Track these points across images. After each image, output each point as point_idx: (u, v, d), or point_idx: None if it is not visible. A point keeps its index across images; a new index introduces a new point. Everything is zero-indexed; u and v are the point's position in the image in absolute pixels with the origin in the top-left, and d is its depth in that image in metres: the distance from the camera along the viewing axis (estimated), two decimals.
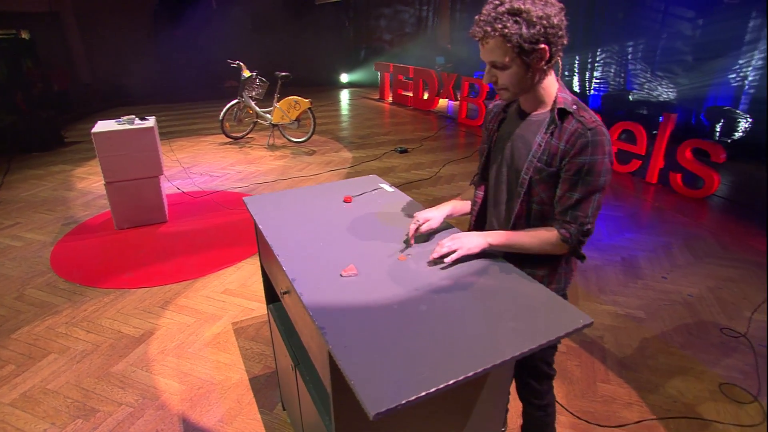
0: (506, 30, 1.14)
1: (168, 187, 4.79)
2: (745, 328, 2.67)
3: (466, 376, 0.98)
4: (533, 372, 1.56)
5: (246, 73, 6.41)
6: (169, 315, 2.88)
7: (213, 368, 2.44)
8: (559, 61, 1.26)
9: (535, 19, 1.13)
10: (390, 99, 10.18)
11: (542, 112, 1.31)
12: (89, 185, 5.15)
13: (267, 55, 10.35)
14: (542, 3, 1.15)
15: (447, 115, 8.79)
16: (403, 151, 6.31)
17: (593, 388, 2.28)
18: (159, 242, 3.79)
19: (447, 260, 1.34)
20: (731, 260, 3.45)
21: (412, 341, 1.06)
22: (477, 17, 1.20)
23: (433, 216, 1.50)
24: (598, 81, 7.09)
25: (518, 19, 1.13)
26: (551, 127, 1.27)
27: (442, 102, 9.49)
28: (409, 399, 0.91)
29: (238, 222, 4.11)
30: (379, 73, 10.55)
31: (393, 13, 11.86)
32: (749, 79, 5.46)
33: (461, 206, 1.61)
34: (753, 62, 5.40)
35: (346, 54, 12.75)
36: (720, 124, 5.67)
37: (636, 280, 3.21)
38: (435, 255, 1.35)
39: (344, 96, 11.20)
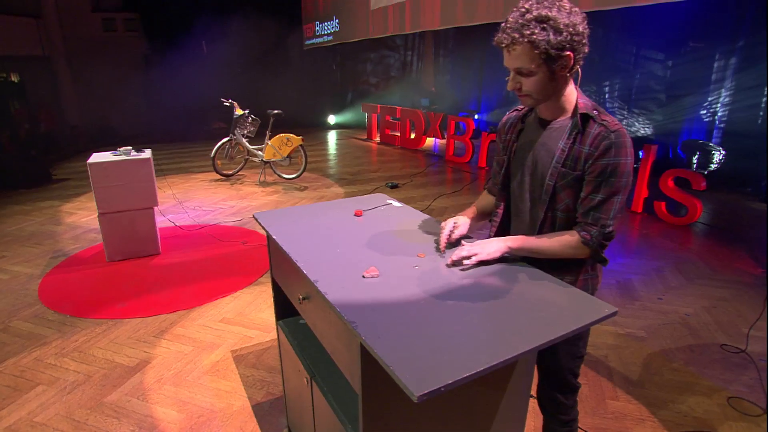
0: (534, 36, 1.16)
1: (161, 220, 4.75)
2: (744, 344, 2.70)
3: (502, 360, 0.98)
4: (560, 384, 1.53)
5: (238, 112, 6.53)
6: (165, 344, 2.79)
7: (213, 396, 2.35)
8: (579, 70, 1.28)
9: (562, 27, 1.16)
10: (377, 139, 10.41)
11: (563, 119, 1.33)
12: (78, 219, 5.06)
13: (256, 97, 10.58)
14: (567, 11, 1.18)
15: (434, 153, 9.01)
16: (394, 186, 6.41)
17: (603, 406, 2.26)
18: (152, 273, 3.71)
19: (466, 263, 1.34)
20: (722, 281, 3.53)
21: (443, 332, 1.06)
22: (503, 25, 1.22)
23: (463, 222, 1.53)
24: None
25: (546, 26, 1.16)
26: (574, 132, 1.29)
27: (429, 141, 9.74)
28: (451, 381, 0.91)
29: (232, 254, 4.07)
30: (366, 114, 10.85)
31: (379, 58, 12.34)
32: (719, 114, 5.80)
33: (482, 208, 1.63)
34: (721, 99, 5.75)
35: (334, 96, 13.13)
36: (696, 156, 5.95)
37: (633, 301, 3.25)
38: (455, 256, 1.35)
39: (332, 136, 11.42)
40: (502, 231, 1.56)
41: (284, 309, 1.89)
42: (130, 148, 3.87)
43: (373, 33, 8.64)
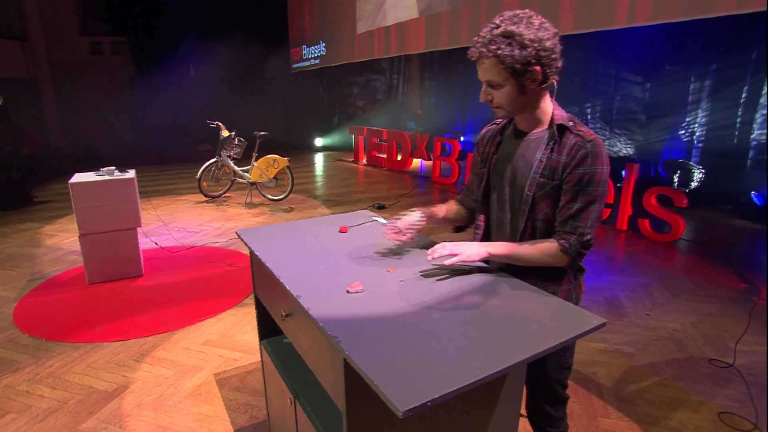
0: (500, 51, 1.21)
1: (145, 242, 4.66)
2: (732, 359, 2.70)
3: (491, 372, 0.96)
4: (549, 396, 1.52)
5: (225, 133, 6.52)
6: (145, 368, 2.70)
7: (195, 421, 2.27)
8: (555, 83, 1.32)
9: (527, 42, 1.20)
10: (364, 161, 10.46)
11: (540, 131, 1.36)
12: (59, 242, 4.95)
13: (243, 120, 10.62)
14: (536, 27, 1.22)
15: (421, 174, 9.06)
16: (381, 207, 6.40)
17: (595, 423, 2.23)
18: (134, 295, 3.62)
19: (447, 262, 1.35)
20: (707, 297, 3.56)
21: (430, 345, 1.04)
22: (474, 39, 1.28)
23: (413, 221, 1.54)
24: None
25: (511, 41, 1.20)
26: (551, 143, 1.32)
27: (416, 162, 9.82)
28: (438, 396, 0.88)
29: (217, 275, 4.00)
30: (353, 137, 10.92)
31: (365, 81, 12.51)
32: (697, 134, 5.96)
33: (445, 212, 1.64)
34: (698, 120, 5.92)
35: (321, 119, 13.22)
36: (677, 175, 6.07)
37: (620, 317, 3.25)
38: (436, 254, 1.36)
39: (318, 159, 11.45)
40: (486, 241, 1.56)
41: (268, 328, 1.85)
42: (113, 168, 3.82)
43: (359, 56, 8.77)
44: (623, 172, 5.22)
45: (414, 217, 1.56)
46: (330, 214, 6.08)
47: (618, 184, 5.25)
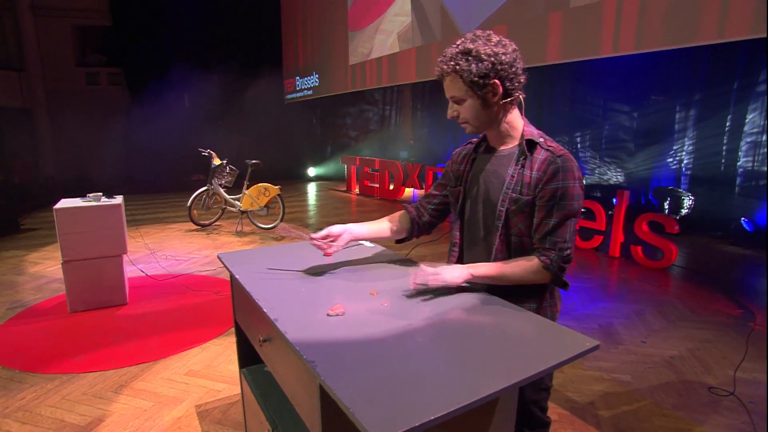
0: (458, 67, 1.27)
1: (131, 270, 4.57)
2: (732, 387, 2.63)
3: (478, 398, 0.90)
4: (528, 420, 1.47)
5: (216, 161, 6.51)
6: (123, 400, 2.57)
7: None
8: (522, 99, 1.37)
9: (483, 56, 1.25)
10: (357, 190, 10.48)
11: (511, 146, 1.39)
12: (43, 269, 4.84)
13: (236, 150, 10.68)
14: (493, 44, 1.28)
15: (412, 203, 9.05)
16: None
17: None
18: (117, 324, 3.50)
19: (427, 282, 1.33)
20: (703, 323, 3.50)
21: (412, 370, 0.98)
22: (439, 59, 1.34)
23: (340, 231, 1.55)
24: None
25: (469, 57, 1.27)
26: (522, 159, 1.34)
27: (408, 191, 9.84)
28: (417, 424, 0.82)
29: (204, 303, 3.90)
30: (345, 166, 10.97)
31: (358, 112, 12.68)
32: (685, 162, 6.03)
33: (376, 227, 1.65)
34: (685, 148, 6.01)
35: (314, 149, 13.31)
36: (667, 202, 6.11)
37: (616, 345, 3.17)
38: (418, 280, 1.34)
39: (311, 188, 11.46)
40: (462, 261, 1.55)
41: (249, 356, 1.77)
42: (100, 194, 3.77)
43: (352, 87, 8.91)
44: (614, 200, 5.23)
45: (344, 237, 1.57)
46: None
47: (609, 212, 5.26)
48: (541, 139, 1.34)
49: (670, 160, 6.15)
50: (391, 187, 9.38)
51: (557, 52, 4.62)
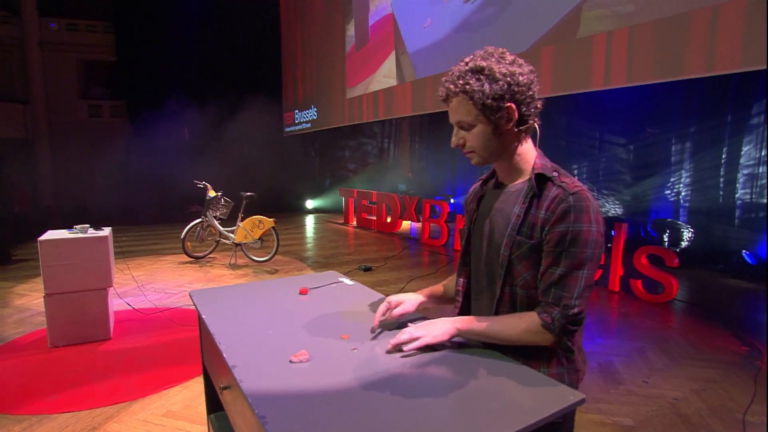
0: (468, 87, 1.10)
1: (119, 303, 4.46)
2: None
3: None
4: None
5: (211, 193, 6.49)
6: None
7: None
8: (537, 128, 1.20)
9: (498, 76, 1.09)
10: (354, 223, 10.43)
11: (521, 182, 1.21)
12: (28, 302, 4.73)
13: (234, 182, 10.71)
14: (508, 62, 1.12)
15: (410, 236, 8.99)
16: (368, 269, 6.25)
17: None
18: (97, 361, 3.37)
19: (406, 348, 1.17)
20: (708, 361, 3.36)
21: (376, 428, 0.88)
22: (443, 78, 1.17)
23: (407, 299, 1.35)
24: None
25: (480, 76, 1.10)
26: (530, 196, 1.16)
27: (405, 224, 9.78)
28: None
29: (189, 339, 3.77)
30: (343, 199, 10.98)
31: (357, 145, 12.80)
32: (683, 194, 6.00)
33: (442, 291, 1.45)
34: (682, 180, 5.99)
35: (312, 181, 13.36)
36: (666, 234, 6.03)
37: (617, 385, 3.03)
38: (395, 341, 1.19)
39: (309, 221, 11.43)
40: (466, 312, 1.36)
41: (217, 400, 1.66)
42: (87, 225, 3.72)
43: (349, 120, 9.01)
44: (612, 232, 5.17)
45: (406, 306, 1.36)
46: (332, 271, 5.91)
47: (608, 244, 5.18)
48: (555, 174, 1.15)
49: (668, 192, 6.12)
50: (389, 219, 9.32)
51: (548, 85, 4.66)
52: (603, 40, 4.12)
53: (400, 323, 1.36)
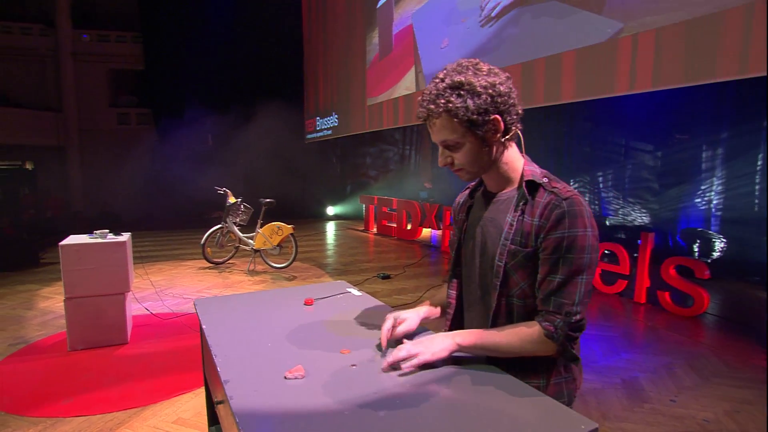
0: (450, 105, 1.07)
1: (137, 308, 4.52)
2: None
3: None
4: None
5: (231, 200, 6.56)
6: None
7: None
8: (520, 134, 1.17)
9: (479, 89, 1.07)
10: (374, 229, 10.41)
11: (510, 190, 1.19)
12: (52, 304, 4.84)
13: (256, 188, 10.83)
14: (485, 73, 1.09)
15: (431, 244, 8.90)
16: (386, 277, 6.19)
17: None
18: (113, 365, 3.40)
19: (404, 366, 1.11)
20: (742, 380, 3.16)
21: None
22: (419, 98, 1.13)
23: (409, 316, 1.30)
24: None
25: (461, 92, 1.07)
26: (521, 203, 1.14)
27: (426, 232, 9.69)
28: None
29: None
30: (364, 206, 10.97)
31: (378, 152, 12.79)
32: (714, 202, 5.74)
33: (435, 310, 1.40)
34: (714, 187, 5.73)
35: (333, 188, 13.41)
36: (696, 244, 5.78)
37: (641, 404, 2.87)
38: (392, 359, 1.12)
39: (330, 227, 11.45)
40: (458, 323, 1.33)
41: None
42: (107, 231, 3.77)
43: (370, 127, 9.01)
44: (638, 241, 4.98)
45: (408, 324, 1.29)
46: (341, 281, 5.88)
47: (634, 254, 4.99)
48: (545, 179, 1.13)
49: (699, 200, 5.87)
50: (409, 227, 9.26)
51: (571, 90, 4.53)
52: (628, 43, 3.99)
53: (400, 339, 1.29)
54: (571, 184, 7.35)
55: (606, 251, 5.30)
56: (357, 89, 9.34)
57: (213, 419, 1.64)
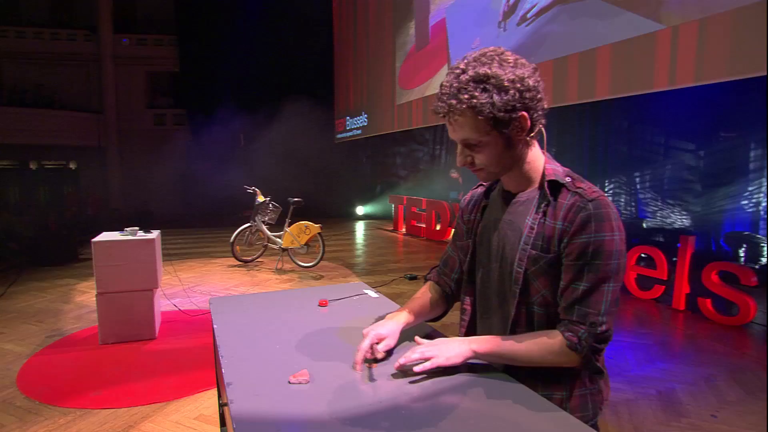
0: (474, 101, 0.96)
1: (166, 304, 4.63)
2: None
3: None
4: None
5: (260, 198, 6.64)
6: None
7: None
8: (543, 130, 1.07)
9: (506, 83, 0.97)
10: (403, 230, 10.35)
11: (531, 190, 1.10)
12: (88, 299, 5.02)
13: (286, 187, 10.96)
14: (511, 65, 0.99)
15: None
16: (413, 278, 6.12)
17: None
18: (141, 359, 3.48)
19: (416, 369, 1.04)
20: None
21: None
22: (438, 91, 1.03)
23: (388, 332, 1.17)
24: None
25: (486, 86, 0.97)
26: (543, 205, 1.05)
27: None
28: None
29: None
30: (393, 205, 10.93)
31: (408, 152, 12.71)
32: (763, 205, 5.38)
33: (420, 308, 1.29)
34: (763, 189, 5.38)
35: (363, 188, 13.43)
36: (743, 249, 5.44)
37: (679, 418, 2.70)
38: (402, 361, 1.06)
39: (359, 227, 11.47)
40: (474, 333, 1.24)
41: None
42: (137, 228, 3.87)
43: (399, 126, 8.96)
44: (677, 245, 4.72)
45: (389, 342, 1.18)
46: (358, 282, 5.86)
47: (673, 258, 4.74)
48: (568, 179, 1.05)
49: (745, 202, 5.52)
50: (438, 227, 9.15)
51: (606, 87, 4.34)
52: (668, 36, 3.77)
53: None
54: (606, 184, 7.08)
55: (642, 254, 5.06)
56: (386, 89, 9.31)
57: (224, 420, 1.63)
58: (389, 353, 1.18)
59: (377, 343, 1.15)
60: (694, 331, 4.10)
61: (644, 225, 6.54)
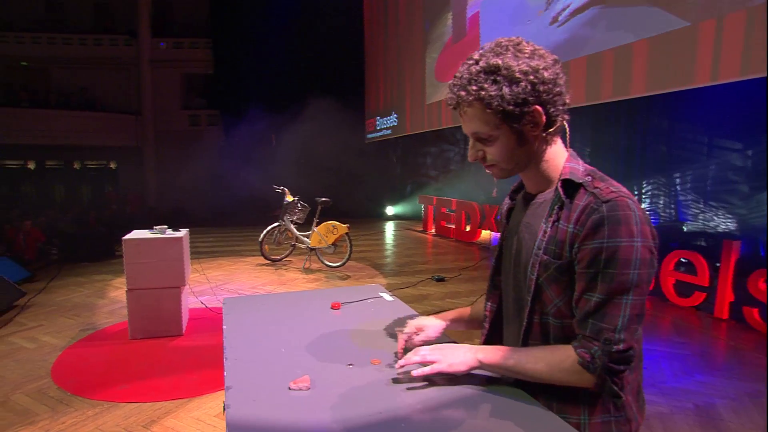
0: (483, 92, 0.91)
1: (194, 302, 4.72)
2: None
3: None
4: None
5: (289, 198, 6.70)
6: None
7: None
8: (566, 125, 1.00)
9: (518, 75, 0.91)
10: (433, 230, 10.25)
11: (549, 191, 1.03)
12: (120, 294, 5.18)
13: (316, 187, 11.04)
14: (527, 56, 0.93)
15: (490, 246, 8.60)
16: (440, 280, 6.04)
17: None
18: (167, 355, 3.56)
19: (416, 373, 0.99)
20: None
21: None
22: (451, 81, 0.98)
23: (429, 324, 1.17)
24: (647, 212, 6.81)
25: (497, 77, 0.91)
26: (557, 207, 0.97)
27: (485, 234, 9.38)
28: None
29: None
30: (422, 206, 10.84)
31: (439, 152, 12.57)
32: None
33: (469, 314, 1.27)
34: None
35: (393, 188, 13.38)
36: None
37: None
38: (403, 362, 1.02)
39: (389, 227, 11.44)
40: (494, 338, 1.17)
41: None
42: (165, 226, 3.96)
43: (429, 126, 8.87)
44: (721, 251, 4.46)
45: (428, 333, 1.18)
46: (385, 284, 5.82)
47: (715, 264, 4.48)
48: (587, 178, 0.96)
49: None
50: (468, 228, 9.01)
51: (642, 84, 4.14)
52: (711, 27, 3.55)
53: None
54: (644, 186, 6.77)
55: (682, 260, 4.80)
56: (417, 88, 9.24)
57: None
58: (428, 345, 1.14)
59: (415, 332, 1.16)
60: (738, 342, 3.85)
61: (684, 228, 6.22)
